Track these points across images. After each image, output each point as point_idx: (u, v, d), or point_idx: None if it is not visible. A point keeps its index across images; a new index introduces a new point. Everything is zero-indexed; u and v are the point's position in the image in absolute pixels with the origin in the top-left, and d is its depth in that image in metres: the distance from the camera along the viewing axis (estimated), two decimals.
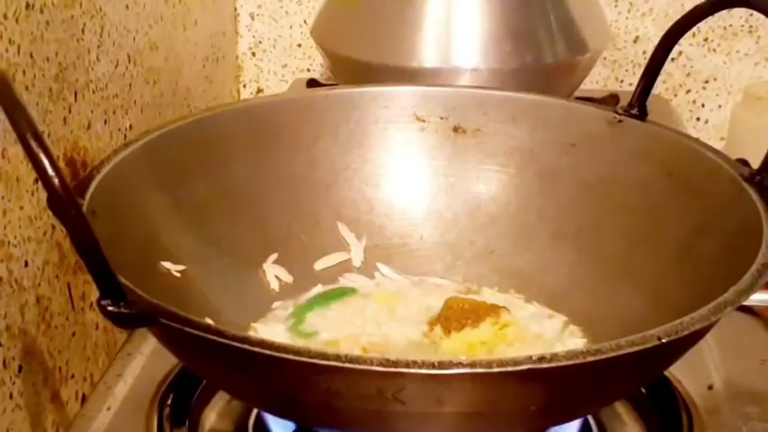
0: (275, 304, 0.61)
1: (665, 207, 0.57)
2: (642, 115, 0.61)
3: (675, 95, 1.06)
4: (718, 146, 0.72)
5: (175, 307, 0.41)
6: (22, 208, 0.54)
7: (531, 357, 0.38)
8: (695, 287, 0.50)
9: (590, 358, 0.39)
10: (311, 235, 0.63)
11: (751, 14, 1.01)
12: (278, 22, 1.08)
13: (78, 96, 0.61)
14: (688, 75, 1.05)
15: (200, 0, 0.91)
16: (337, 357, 0.38)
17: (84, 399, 0.61)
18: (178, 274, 0.54)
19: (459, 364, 0.38)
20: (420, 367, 0.38)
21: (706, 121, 1.07)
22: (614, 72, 1.06)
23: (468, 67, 0.77)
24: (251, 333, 0.56)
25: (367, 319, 0.59)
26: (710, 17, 0.60)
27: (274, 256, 0.62)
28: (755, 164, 0.54)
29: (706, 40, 1.04)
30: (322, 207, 0.64)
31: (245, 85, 1.10)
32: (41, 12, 0.56)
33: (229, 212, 0.60)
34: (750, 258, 0.46)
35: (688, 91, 1.06)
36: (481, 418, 0.42)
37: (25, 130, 0.37)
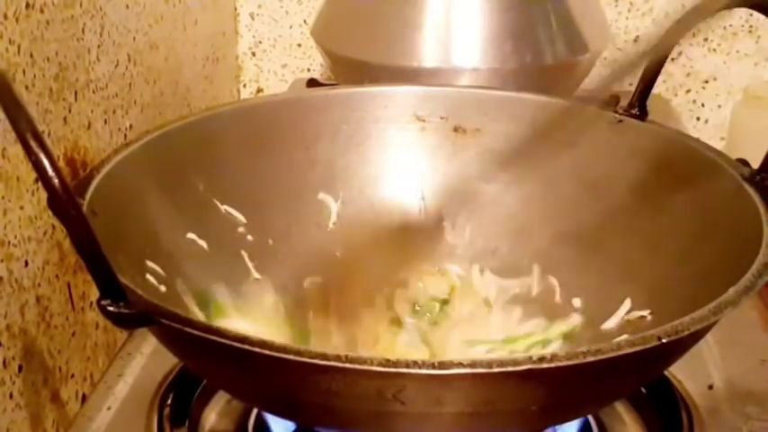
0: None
1: (665, 207, 0.57)
2: (642, 115, 0.61)
3: (675, 95, 1.06)
4: (719, 146, 0.72)
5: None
6: (22, 208, 0.54)
7: (530, 357, 0.38)
8: (695, 287, 0.50)
9: (590, 358, 0.39)
10: (311, 235, 0.63)
11: (751, 14, 1.01)
12: (278, 22, 1.08)
13: (78, 96, 0.61)
14: (688, 75, 1.05)
15: (200, 0, 0.91)
16: (337, 357, 0.38)
17: (84, 398, 0.61)
18: None
19: (460, 364, 0.38)
20: (420, 367, 0.38)
21: (706, 121, 1.07)
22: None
23: (468, 67, 0.77)
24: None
25: None
26: (710, 17, 0.60)
27: (275, 256, 0.62)
28: (755, 164, 0.54)
29: (706, 40, 1.04)
30: (322, 207, 0.64)
31: (245, 85, 1.10)
32: (41, 11, 0.56)
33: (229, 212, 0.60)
34: (750, 258, 0.46)
35: (688, 91, 1.06)
36: (481, 418, 0.42)
37: (25, 129, 0.37)
